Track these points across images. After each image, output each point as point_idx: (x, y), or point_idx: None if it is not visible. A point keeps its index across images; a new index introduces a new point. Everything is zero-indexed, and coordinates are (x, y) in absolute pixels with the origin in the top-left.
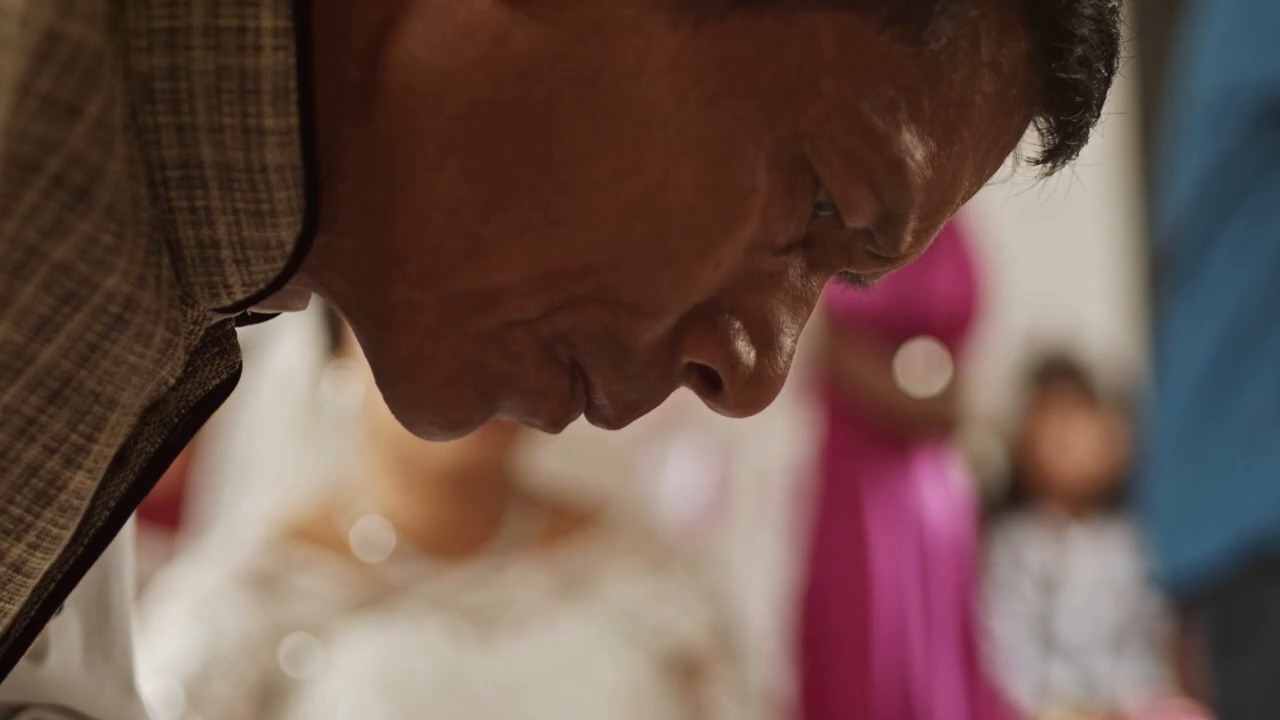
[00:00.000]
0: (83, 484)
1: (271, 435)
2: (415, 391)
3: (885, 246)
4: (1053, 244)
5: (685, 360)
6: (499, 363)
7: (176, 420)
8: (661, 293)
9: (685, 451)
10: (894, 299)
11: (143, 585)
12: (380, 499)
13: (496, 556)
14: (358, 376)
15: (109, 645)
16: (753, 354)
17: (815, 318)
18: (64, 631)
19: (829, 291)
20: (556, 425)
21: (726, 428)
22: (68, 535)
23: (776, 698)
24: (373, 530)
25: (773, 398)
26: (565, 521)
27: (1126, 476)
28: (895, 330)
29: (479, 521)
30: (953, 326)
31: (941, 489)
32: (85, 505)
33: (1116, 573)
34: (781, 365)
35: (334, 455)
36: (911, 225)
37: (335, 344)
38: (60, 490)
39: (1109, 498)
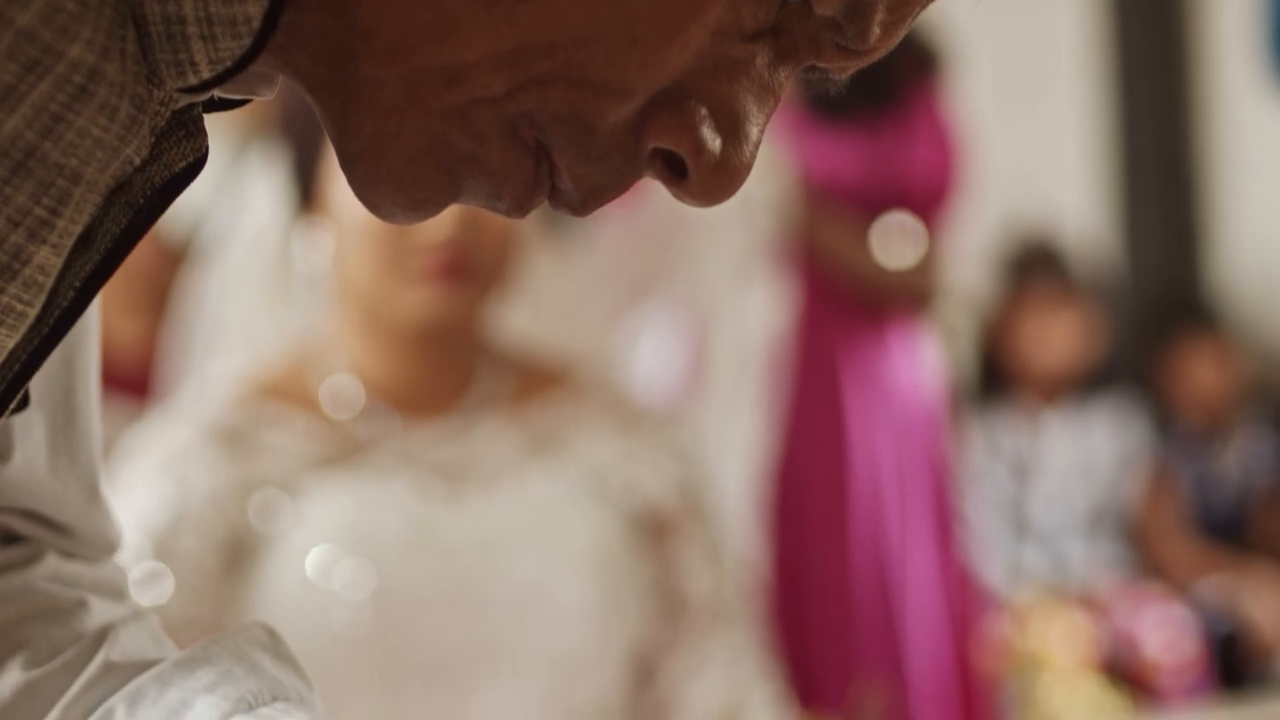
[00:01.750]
0: (47, 260)
1: (241, 295)
2: (379, 170)
3: (853, 38)
4: (1031, 132)
5: (651, 145)
6: (463, 141)
7: (142, 201)
8: (628, 72)
9: (661, 324)
10: (871, 172)
11: (111, 445)
12: (350, 356)
13: (466, 414)
14: (328, 233)
15: (74, 449)
16: (718, 141)
17: (793, 190)
18: (29, 433)
19: (808, 164)
20: (520, 209)
21: (703, 300)
22: (33, 313)
23: (748, 563)
24: (342, 387)
25: (737, 187)
26: (536, 381)
27: (1101, 362)
28: (872, 203)
29: (449, 379)
30: (929, 199)
31: (916, 362)
32: (50, 283)
33: (1090, 457)
34: (747, 154)
35: (304, 313)
36: (880, 16)
37: (306, 201)
38: (24, 265)
39: (1083, 383)
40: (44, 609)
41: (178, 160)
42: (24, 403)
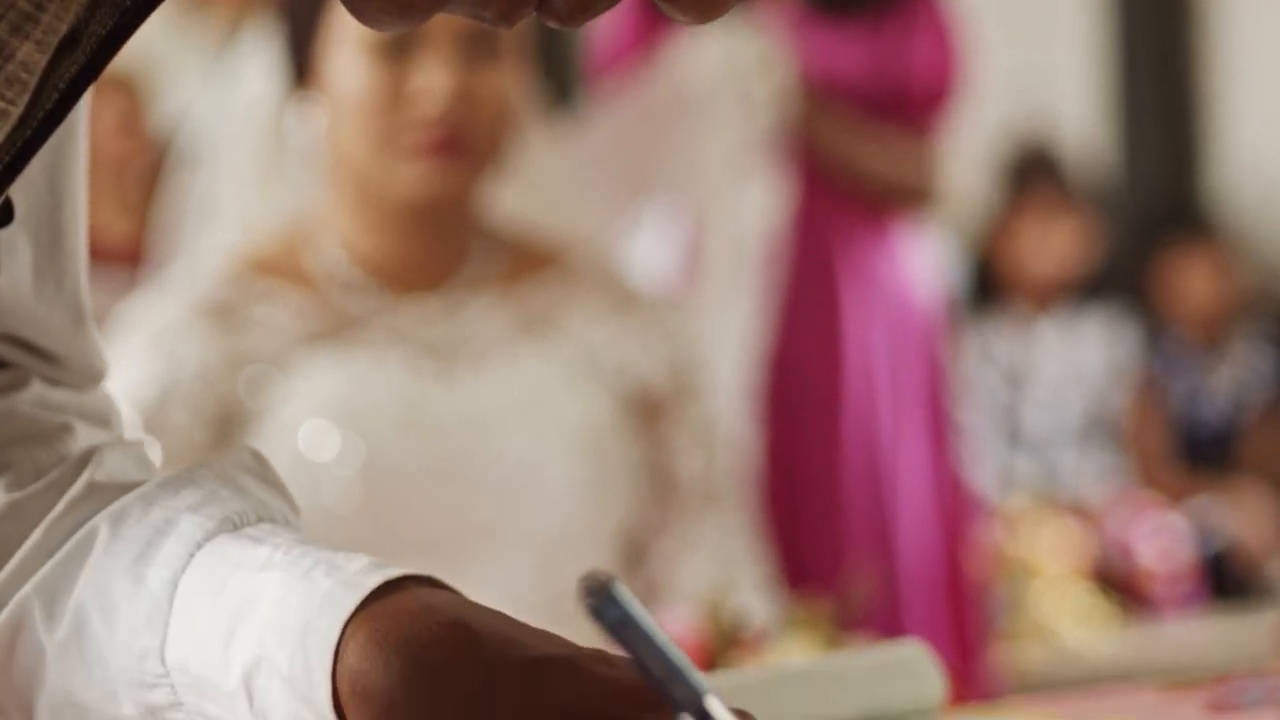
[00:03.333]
0: (30, 56)
1: (234, 172)
2: None
3: None
4: (1031, 38)
5: None
6: None
7: (129, 3)
8: None
9: (658, 217)
10: (871, 69)
11: (101, 320)
12: (342, 232)
13: (458, 292)
14: (322, 109)
15: (60, 273)
16: None
17: (791, 85)
18: (14, 255)
19: (808, 60)
20: (506, 18)
21: (700, 193)
22: (16, 111)
23: (740, 447)
24: (334, 263)
25: (730, 5)
26: (528, 261)
27: (1097, 271)
28: (872, 100)
29: (441, 257)
30: (929, 99)
31: (913, 262)
32: (34, 81)
33: (1083, 366)
34: None
35: (297, 190)
36: None
37: (300, 77)
38: (7, 60)
39: (1078, 292)
40: (28, 433)
41: None
42: (8, 215)
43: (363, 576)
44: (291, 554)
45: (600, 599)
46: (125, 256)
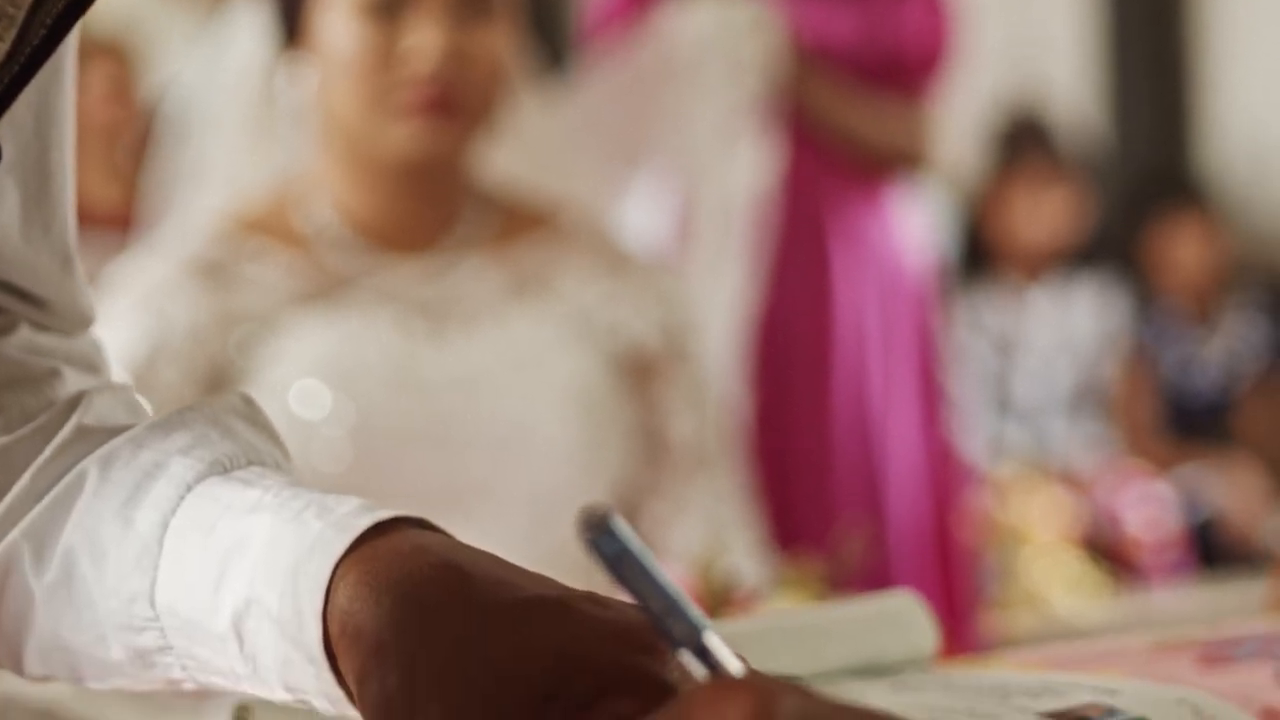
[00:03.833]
0: None
1: (225, 135)
2: None
3: None
4: (1023, 6)
5: None
6: None
7: None
8: None
9: (648, 182)
10: (862, 33)
11: (91, 280)
12: (333, 192)
13: (449, 252)
14: (313, 68)
15: (48, 217)
16: None
17: (781, 48)
18: (1, 199)
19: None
20: None
21: (689, 158)
22: (3, 48)
23: (732, 410)
24: (325, 223)
25: None
26: (520, 221)
27: (1087, 240)
28: (863, 65)
29: (432, 217)
30: (921, 64)
31: (904, 228)
32: (21, 16)
33: (1074, 335)
34: None
35: (287, 150)
36: None
37: (290, 36)
38: None
39: (1069, 261)
40: (16, 378)
41: None
42: None
43: (353, 518)
44: (282, 496)
45: (598, 533)
46: (115, 222)
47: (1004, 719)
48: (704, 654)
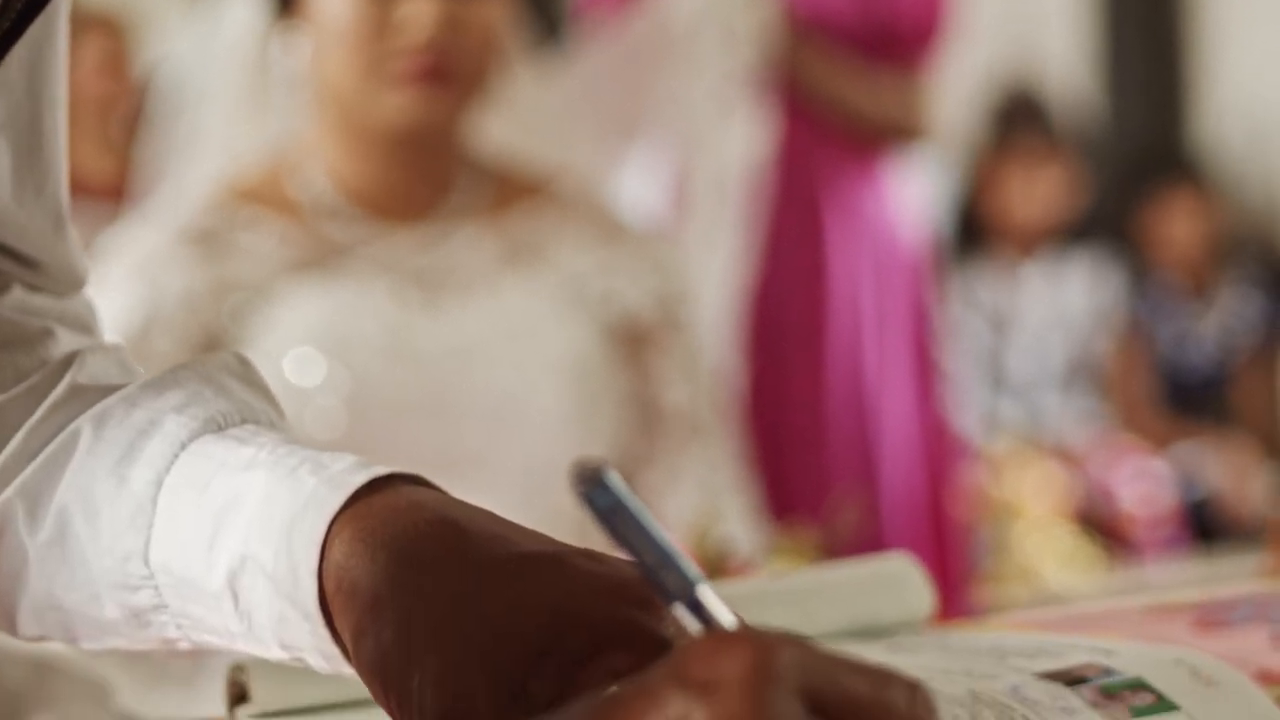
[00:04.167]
0: None
1: (219, 106)
2: None
3: None
4: None
5: None
6: None
7: None
8: None
9: (644, 152)
10: (857, 5)
11: (85, 251)
12: (328, 161)
13: (444, 221)
14: (307, 37)
15: (40, 179)
16: None
17: (776, 20)
18: None
19: None
20: None
21: (684, 129)
22: None
23: (726, 380)
24: (319, 191)
25: None
26: (515, 190)
27: (1082, 216)
28: (859, 37)
29: (426, 186)
30: (915, 36)
31: (900, 202)
32: None
33: (1068, 311)
34: None
35: (282, 119)
36: None
37: (285, 4)
38: None
39: (1063, 237)
40: (9, 337)
41: None
42: None
43: (348, 475)
44: (276, 453)
45: (592, 486)
46: (109, 194)
47: (1001, 679)
48: (698, 608)
